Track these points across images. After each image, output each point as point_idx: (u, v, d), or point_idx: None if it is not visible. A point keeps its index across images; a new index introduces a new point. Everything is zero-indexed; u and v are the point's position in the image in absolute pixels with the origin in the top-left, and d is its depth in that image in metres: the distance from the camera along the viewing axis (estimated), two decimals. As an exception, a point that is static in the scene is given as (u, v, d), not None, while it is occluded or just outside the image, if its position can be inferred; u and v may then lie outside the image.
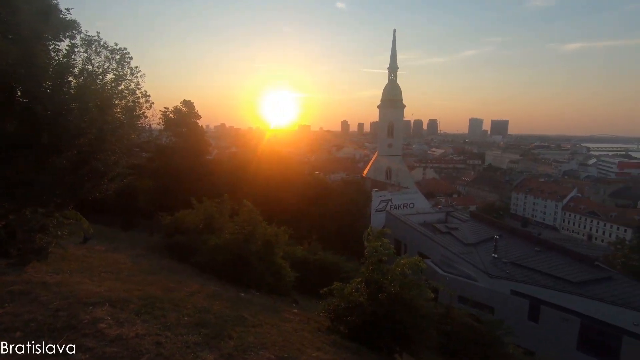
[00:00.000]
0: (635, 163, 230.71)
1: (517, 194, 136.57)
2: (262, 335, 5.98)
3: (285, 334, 6.56)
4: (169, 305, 6.34)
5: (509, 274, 24.63)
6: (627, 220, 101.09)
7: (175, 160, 32.30)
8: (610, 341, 19.99)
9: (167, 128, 34.54)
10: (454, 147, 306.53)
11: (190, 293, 8.27)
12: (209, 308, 6.79)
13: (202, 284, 10.00)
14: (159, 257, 14.89)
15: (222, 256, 12.13)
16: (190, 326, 5.53)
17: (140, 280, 8.66)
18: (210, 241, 13.39)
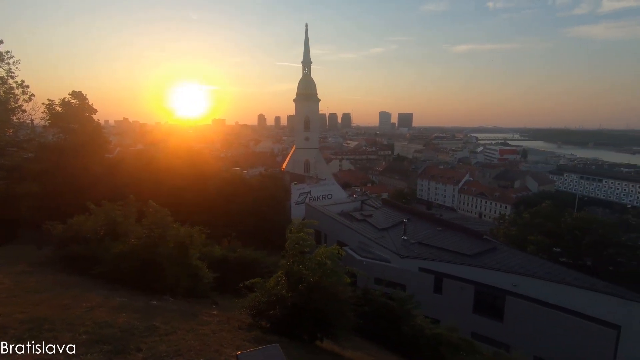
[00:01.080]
0: (512, 150, 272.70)
1: (421, 180, 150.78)
2: (175, 342, 5.63)
3: (202, 337, 6.28)
4: (61, 325, 5.57)
5: (417, 253, 27.17)
6: (507, 198, 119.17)
7: (65, 160, 28.24)
8: (496, 302, 23.45)
9: (54, 124, 29.96)
10: (366, 139, 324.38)
11: (90, 308, 7.38)
12: (112, 322, 6.15)
13: (105, 297, 9.00)
14: (52, 272, 12.96)
15: (128, 263, 11.05)
16: (89, 344, 4.94)
17: (24, 302, 7.43)
18: (114, 248, 12.08)
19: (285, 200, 42.81)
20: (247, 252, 17.32)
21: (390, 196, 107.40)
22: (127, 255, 11.27)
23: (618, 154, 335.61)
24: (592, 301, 20.02)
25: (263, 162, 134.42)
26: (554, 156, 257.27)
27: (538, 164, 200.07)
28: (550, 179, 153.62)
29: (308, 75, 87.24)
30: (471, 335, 22.33)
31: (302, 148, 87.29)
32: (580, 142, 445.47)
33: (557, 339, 20.77)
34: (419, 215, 37.34)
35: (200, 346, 5.69)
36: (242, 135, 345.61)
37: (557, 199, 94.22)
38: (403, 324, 13.47)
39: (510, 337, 22.71)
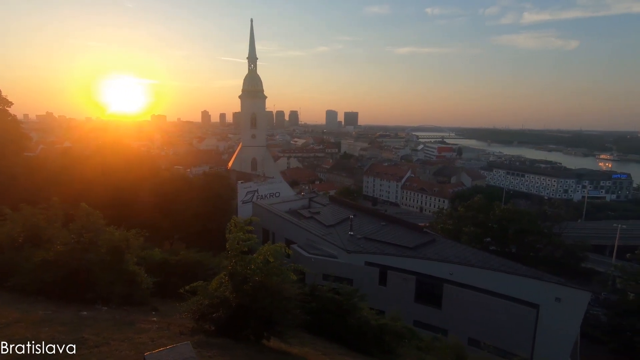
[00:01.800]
0: (448, 148, 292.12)
1: (367, 177, 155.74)
2: (108, 354, 5.25)
3: (139, 346, 5.92)
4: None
5: (363, 248, 28.06)
6: (444, 193, 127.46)
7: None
8: (435, 290, 25.05)
9: (-42, 118, 26.23)
10: (314, 137, 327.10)
11: (5, 324, 6.60)
12: (33, 338, 5.55)
13: (24, 311, 8.09)
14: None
15: (52, 273, 10.04)
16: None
17: None
18: (35, 257, 10.89)
19: (231, 199, 41.72)
20: (190, 255, 16.60)
21: (337, 193, 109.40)
22: (50, 264, 10.22)
23: (537, 151, 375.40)
24: (515, 284, 22.20)
25: (208, 161, 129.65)
26: (485, 154, 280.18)
27: (471, 161, 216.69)
28: (481, 174, 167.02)
29: (254, 71, 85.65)
30: (413, 323, 23.64)
31: (248, 146, 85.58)
32: (506, 141, 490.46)
33: (487, 321, 22.73)
34: (365, 211, 38.55)
35: (136, 356, 5.37)
36: (185, 133, 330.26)
37: (487, 193, 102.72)
38: (349, 317, 13.85)
39: (448, 322, 24.39)
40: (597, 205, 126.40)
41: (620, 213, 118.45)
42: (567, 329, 21.38)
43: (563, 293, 21.08)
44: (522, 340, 21.79)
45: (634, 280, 39.72)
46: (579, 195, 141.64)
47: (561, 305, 20.89)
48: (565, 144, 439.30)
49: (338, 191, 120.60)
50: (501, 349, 21.45)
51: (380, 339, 14.66)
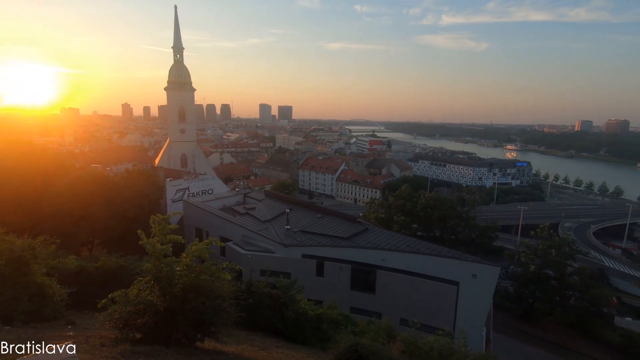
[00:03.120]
0: (379, 141, 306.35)
1: (302, 171, 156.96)
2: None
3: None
4: None
5: (300, 241, 28.32)
6: (376, 184, 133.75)
7: None
8: (369, 277, 26.32)
9: None
10: (247, 132, 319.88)
11: None
12: None
13: None
14: None
15: None
16: None
17: None
18: None
19: (159, 198, 39.10)
20: (112, 260, 15.28)
21: (273, 188, 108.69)
22: None
23: (456, 143, 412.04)
24: (438, 265, 24.26)
25: (131, 158, 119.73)
26: (412, 146, 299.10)
27: (400, 153, 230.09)
28: (409, 165, 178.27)
29: (180, 62, 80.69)
30: (350, 309, 24.59)
31: (177, 141, 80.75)
32: (430, 134, 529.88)
33: (415, 300, 24.54)
34: (301, 204, 38.87)
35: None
36: (102, 128, 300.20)
37: (414, 182, 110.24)
38: (287, 310, 13.97)
39: (381, 305, 25.79)
40: (505, 190, 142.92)
41: (522, 196, 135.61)
42: (482, 301, 24.00)
43: (478, 270, 23.58)
44: (446, 315, 23.94)
45: (534, 254, 45.91)
46: (491, 182, 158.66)
47: (477, 280, 23.36)
48: (479, 136, 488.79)
49: (274, 186, 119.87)
50: (428, 325, 23.36)
51: (318, 328, 15.03)
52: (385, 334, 15.05)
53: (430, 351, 12.98)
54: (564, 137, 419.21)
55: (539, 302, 43.91)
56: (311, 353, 11.89)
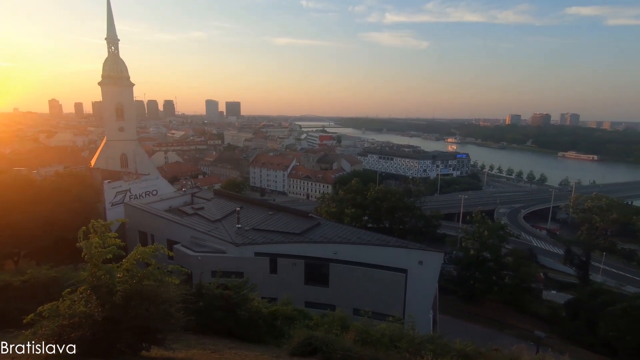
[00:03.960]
0: (329, 136, 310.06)
1: (253, 168, 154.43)
2: None
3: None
4: None
5: (252, 239, 27.92)
6: (328, 179, 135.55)
7: None
8: (322, 270, 26.71)
9: None
10: (194, 129, 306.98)
11: None
12: None
13: None
14: None
15: None
16: None
17: None
18: None
19: (96, 202, 36.31)
20: (42, 272, 13.91)
21: (223, 186, 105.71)
22: None
23: (402, 137, 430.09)
24: (388, 254, 25.29)
25: (63, 159, 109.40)
26: (361, 141, 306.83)
27: (349, 148, 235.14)
28: (358, 160, 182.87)
29: (116, 55, 75.11)
30: (305, 304, 24.82)
31: (115, 140, 75.32)
32: (377, 129, 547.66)
33: (367, 290, 25.37)
34: (252, 202, 38.25)
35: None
36: (26, 126, 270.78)
37: (364, 176, 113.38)
38: (240, 310, 13.74)
39: (335, 298, 26.33)
40: (447, 181, 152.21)
41: (463, 186, 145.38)
42: (428, 286, 25.46)
43: (424, 257, 24.95)
44: (396, 301, 25.05)
45: (472, 238, 49.57)
46: (434, 173, 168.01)
47: (423, 267, 24.72)
48: (422, 130, 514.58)
49: (224, 184, 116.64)
50: (380, 313, 24.31)
51: (272, 325, 14.98)
52: (339, 325, 15.39)
53: (381, 338, 13.51)
54: (497, 130, 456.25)
55: (479, 283, 47.59)
56: (266, 351, 11.84)
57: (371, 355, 10.29)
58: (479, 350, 9.81)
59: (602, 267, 65.83)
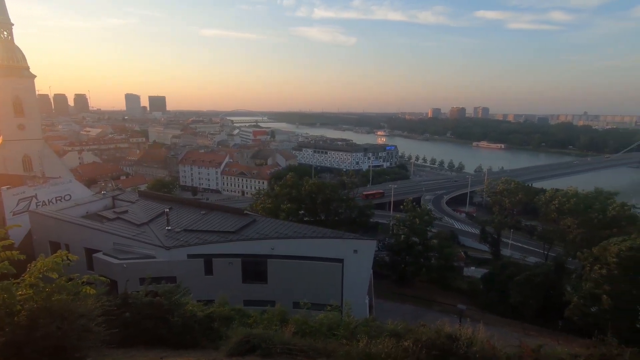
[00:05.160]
0: (263, 131, 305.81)
1: (183, 166, 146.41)
2: None
3: None
4: None
5: (184, 241, 26.57)
6: (263, 175, 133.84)
7: None
8: (260, 267, 26.46)
9: None
10: (113, 126, 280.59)
11: None
12: None
13: None
14: None
15: None
16: None
17: None
18: None
19: (-7, 212, 31.48)
20: None
21: (149, 187, 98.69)
22: None
23: (335, 131, 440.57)
24: (324, 246, 25.93)
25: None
26: (295, 135, 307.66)
27: (284, 143, 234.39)
28: (293, 154, 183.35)
29: (10, 41, 65.28)
30: (244, 303, 24.32)
31: (15, 140, 65.80)
32: (311, 123, 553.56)
33: (306, 283, 25.75)
34: (183, 202, 36.37)
35: None
36: None
37: (299, 170, 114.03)
38: (173, 316, 13.06)
39: (274, 293, 26.23)
40: (378, 172, 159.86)
41: (392, 176, 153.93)
42: (363, 273, 26.68)
43: (358, 245, 26.05)
44: (334, 291, 25.81)
45: (403, 225, 52.87)
46: (366, 165, 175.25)
47: (358, 255, 25.81)
48: (354, 124, 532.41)
49: (150, 185, 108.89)
50: (319, 304, 24.87)
51: (209, 328, 14.48)
52: (278, 320, 15.42)
53: (320, 327, 13.85)
54: (420, 123, 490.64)
55: (409, 265, 51.08)
56: (202, 355, 11.41)
57: (310, 345, 10.50)
58: (408, 327, 10.54)
59: (511, 242, 74.92)
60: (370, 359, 9.20)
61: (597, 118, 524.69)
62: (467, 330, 9.48)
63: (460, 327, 10.65)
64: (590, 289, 33.83)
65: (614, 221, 51.83)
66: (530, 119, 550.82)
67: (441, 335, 8.90)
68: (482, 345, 9.02)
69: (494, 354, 8.97)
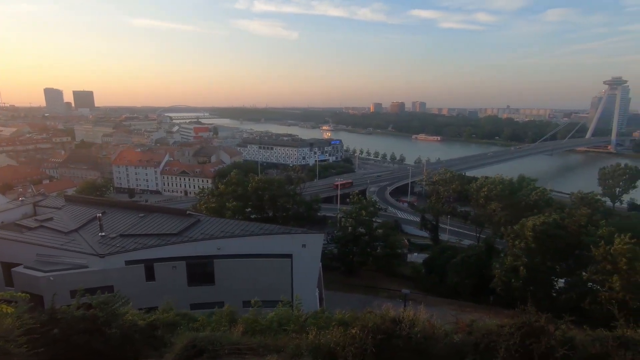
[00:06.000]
0: (204, 128, 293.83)
1: (117, 167, 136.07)
2: None
3: None
4: None
5: (120, 247, 24.77)
6: (207, 173, 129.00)
7: None
8: (207, 268, 25.59)
9: None
10: (30, 124, 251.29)
11: None
12: None
13: None
14: None
15: None
16: None
17: None
18: None
19: None
20: None
21: (78, 191, 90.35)
22: None
23: (280, 126, 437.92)
24: (272, 242, 25.80)
25: None
26: (239, 131, 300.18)
27: (228, 139, 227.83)
28: (238, 151, 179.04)
29: None
30: (190, 307, 23.40)
31: None
32: (255, 119, 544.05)
33: (256, 281, 25.45)
34: (118, 205, 33.88)
35: None
36: None
37: (245, 167, 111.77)
38: (110, 328, 12.18)
39: (223, 294, 25.56)
40: (325, 166, 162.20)
41: (338, 170, 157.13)
42: (312, 266, 26.98)
43: (306, 239, 26.25)
44: (284, 286, 25.80)
45: (350, 217, 54.33)
46: (313, 160, 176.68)
47: (306, 249, 26.02)
48: (299, 119, 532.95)
49: (79, 188, 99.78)
50: (270, 301, 24.74)
51: (152, 336, 13.74)
52: (227, 321, 15.10)
53: (271, 324, 13.82)
54: (363, 118, 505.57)
55: (357, 256, 52.76)
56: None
57: (259, 342, 10.44)
58: (356, 315, 10.93)
59: (448, 227, 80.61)
60: (320, 349, 9.42)
61: (517, 111, 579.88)
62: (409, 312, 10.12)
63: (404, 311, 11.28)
64: (511, 262, 37.76)
65: (535, 204, 58.03)
66: (462, 113, 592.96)
67: (386, 319, 9.38)
68: (423, 325, 9.69)
69: (433, 332, 9.66)
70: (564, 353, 7.31)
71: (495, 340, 8.27)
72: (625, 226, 39.77)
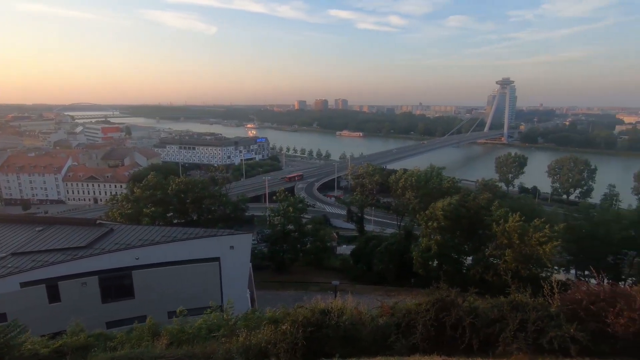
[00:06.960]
0: (115, 128, 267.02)
1: (6, 175, 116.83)
2: None
3: None
4: None
5: (13, 268, 21.37)
6: (120, 177, 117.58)
7: None
8: (124, 281, 23.38)
9: None
10: None
11: None
12: None
13: None
14: None
15: None
16: None
17: None
18: None
19: None
20: None
21: (-47, 205, 75.60)
22: None
23: (202, 125, 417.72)
24: (198, 247, 24.59)
25: None
26: (156, 131, 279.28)
27: (143, 140, 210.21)
28: (156, 152, 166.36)
29: None
30: (107, 325, 21.20)
31: None
32: (174, 117, 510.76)
33: (181, 288, 24.02)
34: (8, 220, 29.12)
35: None
36: None
37: (164, 169, 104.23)
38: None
39: (144, 307, 23.59)
40: (251, 165, 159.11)
41: (265, 168, 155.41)
42: (242, 267, 26.33)
43: (234, 241, 25.51)
44: (213, 291, 24.78)
45: (278, 215, 54.16)
46: (238, 159, 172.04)
47: (235, 251, 25.29)
48: (222, 117, 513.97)
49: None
50: (198, 308, 23.54)
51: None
52: (149, 335, 14.03)
53: (199, 331, 13.21)
54: (288, 115, 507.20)
55: (287, 253, 52.86)
56: (52, 398, 9.56)
57: (186, 352, 9.91)
58: (287, 311, 10.97)
59: (373, 218, 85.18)
60: (251, 350, 9.29)
61: (429, 108, 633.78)
62: (337, 302, 10.48)
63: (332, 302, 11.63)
64: (426, 243, 41.60)
65: (447, 192, 64.16)
66: (381, 110, 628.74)
67: (315, 312, 9.61)
68: (350, 313, 10.15)
69: (360, 318, 10.18)
70: (470, 321, 8.31)
71: (414, 318, 9.05)
72: (516, 206, 46.13)
